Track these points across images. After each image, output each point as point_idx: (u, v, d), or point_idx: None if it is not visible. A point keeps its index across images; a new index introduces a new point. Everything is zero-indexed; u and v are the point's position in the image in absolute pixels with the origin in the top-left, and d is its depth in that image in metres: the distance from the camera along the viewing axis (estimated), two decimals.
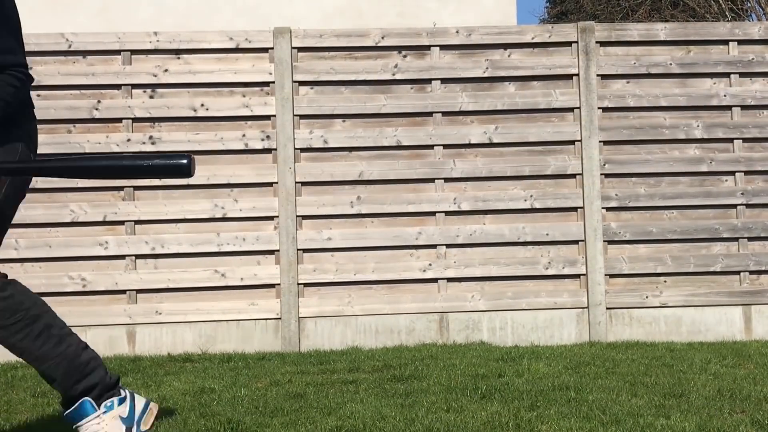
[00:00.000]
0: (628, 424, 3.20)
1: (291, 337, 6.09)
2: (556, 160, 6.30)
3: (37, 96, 6.14)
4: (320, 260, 6.16)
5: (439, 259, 6.20)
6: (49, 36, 6.20)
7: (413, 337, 6.13)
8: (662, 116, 6.38)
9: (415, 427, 3.25)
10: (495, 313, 6.20)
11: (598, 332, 6.18)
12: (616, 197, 6.29)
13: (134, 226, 6.10)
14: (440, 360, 5.12)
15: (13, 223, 6.04)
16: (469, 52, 6.37)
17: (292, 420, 3.45)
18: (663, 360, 4.99)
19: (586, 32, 6.39)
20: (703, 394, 3.79)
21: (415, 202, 6.23)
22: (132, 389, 4.36)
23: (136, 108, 6.17)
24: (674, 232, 6.31)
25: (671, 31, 6.47)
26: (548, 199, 6.26)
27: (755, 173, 6.40)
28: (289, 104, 6.20)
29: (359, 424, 3.29)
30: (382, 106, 6.28)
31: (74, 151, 6.12)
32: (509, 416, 3.39)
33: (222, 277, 6.08)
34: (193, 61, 6.25)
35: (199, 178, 6.15)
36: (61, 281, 6.02)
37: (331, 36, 6.34)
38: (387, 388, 4.15)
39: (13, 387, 4.66)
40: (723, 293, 6.30)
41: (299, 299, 6.11)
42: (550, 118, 6.35)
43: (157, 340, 6.06)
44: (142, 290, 6.07)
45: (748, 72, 6.45)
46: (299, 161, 6.21)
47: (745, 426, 3.16)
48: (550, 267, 6.23)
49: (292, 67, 6.24)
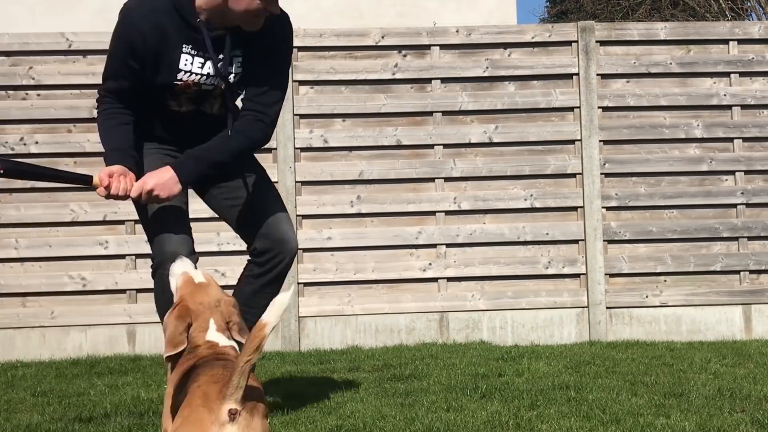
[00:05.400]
0: (628, 424, 3.20)
1: (291, 336, 6.09)
2: (556, 160, 6.30)
3: (37, 96, 6.14)
4: (320, 260, 6.16)
5: (439, 259, 6.20)
6: (49, 36, 6.20)
7: (413, 337, 6.13)
8: (662, 116, 6.38)
9: (415, 426, 3.25)
10: (495, 313, 6.19)
11: (598, 332, 6.17)
12: (616, 197, 6.29)
13: (134, 226, 6.09)
14: (440, 359, 5.12)
15: (13, 222, 6.07)
16: (469, 52, 6.36)
17: (292, 419, 3.45)
18: (663, 359, 4.99)
19: (586, 32, 6.38)
20: (703, 393, 3.79)
21: (415, 202, 6.23)
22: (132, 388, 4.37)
23: None
24: (674, 232, 6.31)
25: (671, 31, 6.47)
26: (548, 198, 6.26)
27: (755, 173, 6.40)
28: (289, 103, 6.20)
29: (359, 424, 3.29)
30: (382, 106, 6.28)
31: (74, 151, 6.12)
32: (509, 415, 3.39)
33: (222, 276, 6.08)
34: None
35: None
36: (61, 281, 6.02)
37: (331, 35, 6.34)
38: (387, 388, 4.15)
39: (13, 386, 4.66)
40: (723, 293, 6.30)
41: (299, 299, 6.11)
42: (550, 118, 6.35)
43: (158, 339, 6.05)
44: (142, 290, 6.06)
45: (748, 71, 6.44)
46: (299, 161, 6.21)
47: (745, 425, 3.16)
48: (550, 266, 6.23)
49: (292, 66, 6.23)
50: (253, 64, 3.25)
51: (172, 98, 3.28)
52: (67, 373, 5.06)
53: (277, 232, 3.44)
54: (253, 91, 3.27)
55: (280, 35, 3.28)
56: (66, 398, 4.17)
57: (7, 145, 6.06)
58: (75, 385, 4.58)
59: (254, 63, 3.25)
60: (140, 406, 3.89)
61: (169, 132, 3.38)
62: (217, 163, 3.25)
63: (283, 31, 3.28)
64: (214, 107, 3.34)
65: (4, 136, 6.08)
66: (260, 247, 3.46)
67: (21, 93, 6.13)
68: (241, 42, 3.21)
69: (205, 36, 3.15)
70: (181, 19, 3.15)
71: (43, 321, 5.99)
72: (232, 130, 3.27)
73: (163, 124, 3.36)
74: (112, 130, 3.24)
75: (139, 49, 3.15)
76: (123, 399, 4.08)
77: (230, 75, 3.25)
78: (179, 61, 3.19)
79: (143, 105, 3.29)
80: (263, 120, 3.27)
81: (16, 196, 6.05)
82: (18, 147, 6.07)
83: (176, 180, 3.15)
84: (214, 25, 3.17)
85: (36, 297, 6.01)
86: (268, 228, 3.43)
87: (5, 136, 6.08)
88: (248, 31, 3.17)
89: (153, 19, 3.14)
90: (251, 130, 3.27)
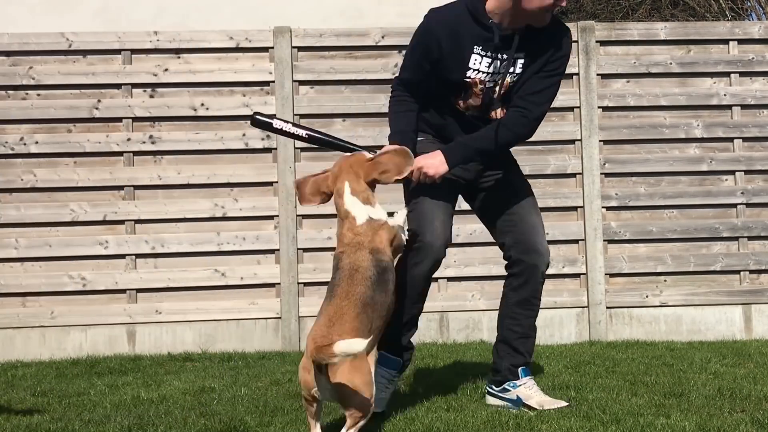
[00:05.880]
0: (628, 424, 3.20)
1: (291, 336, 6.09)
2: (556, 160, 6.30)
3: (37, 96, 6.14)
4: (320, 259, 6.16)
5: None
6: (49, 35, 6.20)
7: (413, 337, 6.11)
8: (662, 115, 6.38)
9: (415, 426, 3.25)
10: (495, 313, 6.12)
11: (598, 331, 6.17)
12: (616, 196, 6.29)
13: (134, 226, 6.09)
14: (440, 359, 5.12)
15: (13, 222, 6.08)
16: None
17: (292, 419, 3.45)
18: (663, 359, 4.99)
19: (586, 32, 6.38)
20: (703, 393, 3.79)
21: None
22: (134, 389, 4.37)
23: (136, 107, 6.17)
24: (674, 232, 6.31)
25: (671, 31, 6.47)
26: (548, 198, 6.25)
27: (755, 172, 6.40)
28: (289, 103, 6.20)
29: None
30: (382, 106, 6.26)
31: (74, 151, 6.12)
32: (509, 415, 3.39)
33: (222, 276, 6.08)
34: (194, 61, 6.25)
35: (199, 177, 6.15)
36: (61, 280, 6.02)
37: (331, 35, 6.34)
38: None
39: (13, 386, 4.67)
40: (723, 292, 6.30)
41: (299, 298, 6.11)
42: (550, 118, 6.31)
43: (158, 339, 6.06)
44: (142, 289, 6.07)
45: (748, 71, 6.45)
46: (299, 160, 6.21)
47: (745, 425, 3.16)
48: (550, 266, 6.21)
49: (292, 66, 6.23)
50: (532, 68, 3.54)
51: (460, 97, 3.59)
52: (67, 373, 5.07)
53: (529, 243, 3.67)
54: (525, 91, 3.55)
55: (565, 49, 3.58)
56: (66, 398, 4.17)
57: (7, 144, 6.06)
58: (75, 385, 4.58)
59: (533, 67, 3.54)
60: (140, 406, 3.89)
61: (448, 128, 3.66)
62: (482, 150, 3.56)
63: (566, 45, 3.58)
64: (497, 113, 3.63)
65: (4, 136, 6.08)
66: (513, 257, 3.70)
67: (21, 93, 6.13)
68: (526, 46, 3.51)
69: (495, 36, 3.46)
70: (474, 22, 3.48)
71: (43, 321, 5.99)
72: (498, 124, 3.56)
73: (445, 119, 3.66)
74: (398, 115, 3.66)
75: (433, 52, 3.51)
76: (123, 399, 4.08)
77: (511, 75, 3.54)
78: (469, 59, 3.50)
79: (432, 101, 3.65)
80: (528, 116, 3.55)
81: (16, 196, 6.06)
82: (18, 147, 6.07)
83: (444, 161, 3.50)
84: (502, 26, 3.48)
85: (36, 297, 6.02)
86: (521, 237, 3.68)
87: (5, 136, 6.08)
88: (536, 27, 3.48)
89: (449, 25, 3.50)
90: (516, 124, 3.55)
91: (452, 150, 3.54)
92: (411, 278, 3.53)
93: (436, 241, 3.52)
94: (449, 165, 3.51)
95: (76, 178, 6.09)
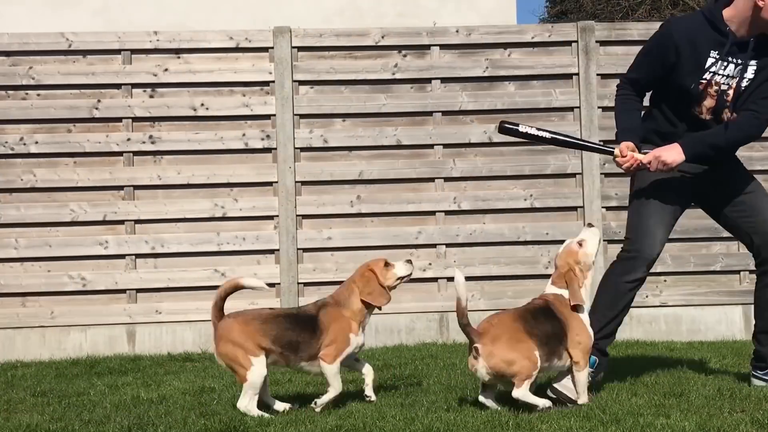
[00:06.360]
0: (628, 424, 3.20)
1: None
2: (556, 160, 6.30)
3: (37, 96, 6.14)
4: (320, 260, 6.16)
5: (439, 259, 6.20)
6: (49, 35, 6.20)
7: (413, 337, 6.13)
8: None
9: (415, 426, 3.25)
10: (495, 313, 6.17)
11: None
12: (616, 196, 6.29)
13: (134, 226, 6.09)
14: (440, 359, 5.11)
15: (13, 222, 6.08)
16: (469, 52, 6.36)
17: (292, 419, 3.45)
18: (663, 359, 4.98)
19: (586, 32, 6.38)
20: (703, 393, 3.79)
21: (415, 202, 6.23)
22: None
23: (136, 107, 6.17)
24: (674, 232, 6.25)
25: None
26: (548, 198, 6.26)
27: (755, 173, 6.33)
28: (289, 104, 6.20)
29: (359, 424, 3.29)
30: (382, 106, 6.28)
31: (74, 151, 6.12)
32: (509, 415, 3.38)
33: (222, 276, 6.08)
34: (193, 61, 6.25)
35: (199, 177, 6.15)
36: (61, 280, 6.02)
37: (331, 35, 6.34)
38: (387, 388, 4.15)
39: (13, 386, 4.67)
40: (723, 292, 6.29)
41: (299, 299, 6.11)
42: (550, 118, 6.34)
43: (157, 339, 6.05)
44: (142, 289, 6.07)
45: None
46: (299, 160, 6.21)
47: (745, 425, 3.16)
48: (550, 266, 6.22)
49: (292, 66, 6.23)
50: (763, 73, 3.80)
51: (694, 100, 3.85)
52: (67, 373, 5.07)
53: None
54: (757, 95, 3.81)
55: None
56: (66, 398, 4.17)
57: (7, 144, 6.06)
58: (75, 385, 4.58)
59: (764, 73, 3.80)
60: (140, 406, 3.89)
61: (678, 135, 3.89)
62: (713, 145, 3.83)
63: None
64: (728, 116, 3.86)
65: (4, 136, 6.08)
66: (764, 255, 4.07)
67: (21, 93, 6.13)
68: (759, 53, 3.79)
69: (730, 41, 3.75)
70: (712, 29, 3.78)
71: (43, 321, 5.99)
72: (729, 124, 3.83)
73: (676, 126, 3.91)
74: (625, 113, 3.96)
75: (671, 56, 3.81)
76: (123, 399, 4.08)
77: (744, 80, 3.81)
78: (705, 62, 3.79)
79: (666, 109, 3.93)
80: (758, 117, 3.81)
81: (16, 196, 6.06)
82: (18, 147, 6.07)
83: (681, 152, 3.79)
84: (738, 33, 3.77)
85: (36, 297, 6.02)
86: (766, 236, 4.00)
87: (5, 136, 6.08)
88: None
89: (688, 34, 3.80)
90: (746, 124, 3.82)
91: (687, 143, 3.80)
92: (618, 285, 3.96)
93: (653, 254, 3.91)
94: (686, 155, 3.77)
95: (76, 178, 6.09)
